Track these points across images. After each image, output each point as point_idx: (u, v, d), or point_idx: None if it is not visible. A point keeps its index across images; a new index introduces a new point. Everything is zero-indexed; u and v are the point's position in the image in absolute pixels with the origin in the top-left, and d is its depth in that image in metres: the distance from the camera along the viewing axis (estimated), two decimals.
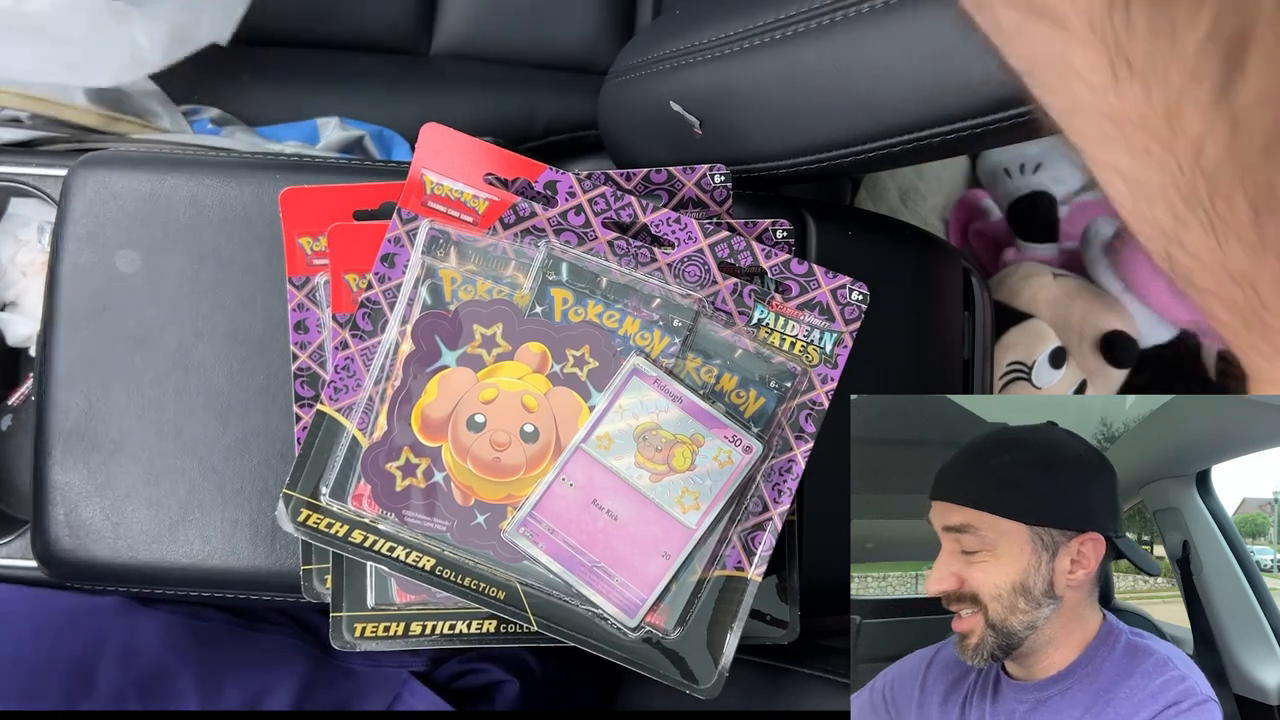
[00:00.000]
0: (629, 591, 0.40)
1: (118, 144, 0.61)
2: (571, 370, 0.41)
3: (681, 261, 0.41)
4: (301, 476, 0.41)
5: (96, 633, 0.49)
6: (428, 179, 0.41)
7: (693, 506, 0.40)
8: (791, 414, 0.42)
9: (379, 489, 0.40)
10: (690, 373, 0.42)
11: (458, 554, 0.41)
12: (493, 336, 0.41)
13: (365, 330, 0.41)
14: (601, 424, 0.40)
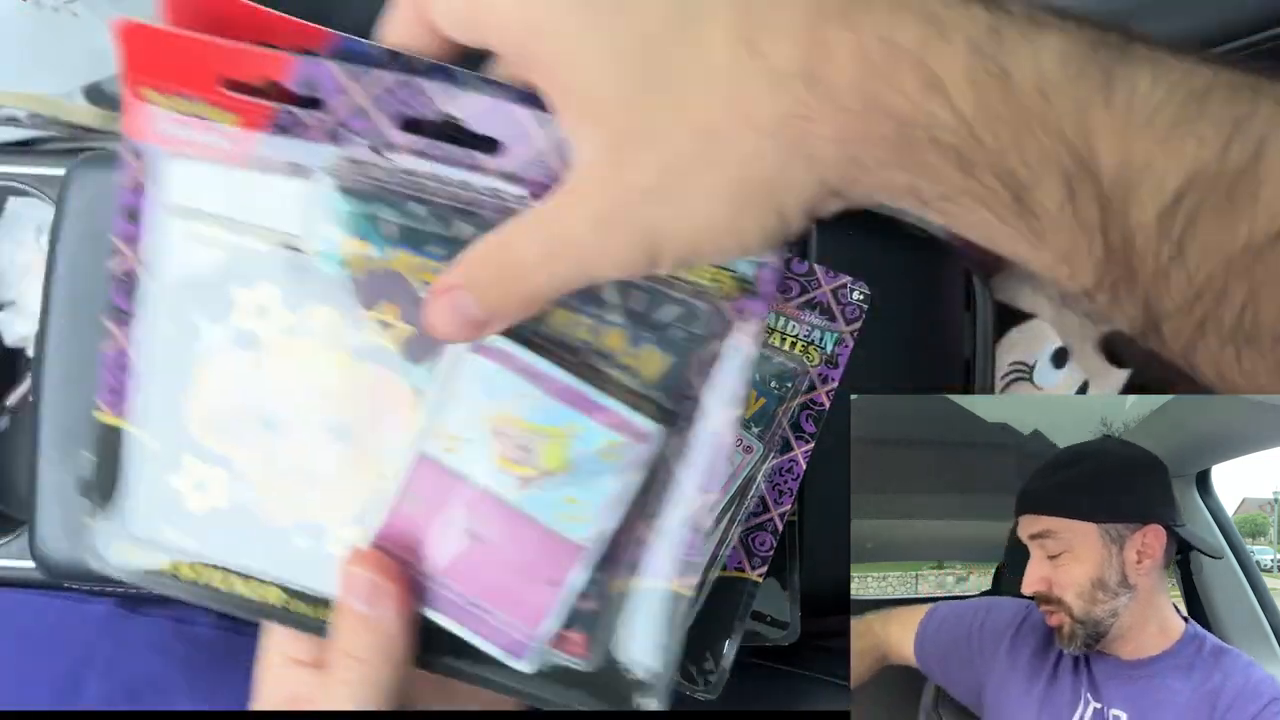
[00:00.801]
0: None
1: (116, 143, 0.61)
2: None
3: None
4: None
5: (84, 642, 0.49)
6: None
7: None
8: (792, 414, 0.40)
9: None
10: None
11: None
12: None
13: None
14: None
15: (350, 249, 0.30)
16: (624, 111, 0.23)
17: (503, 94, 0.27)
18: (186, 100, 0.29)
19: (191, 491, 0.32)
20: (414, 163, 0.29)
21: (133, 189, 0.31)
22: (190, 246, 0.31)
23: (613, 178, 0.24)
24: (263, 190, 0.29)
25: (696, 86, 0.23)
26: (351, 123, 0.29)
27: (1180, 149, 0.20)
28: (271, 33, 0.29)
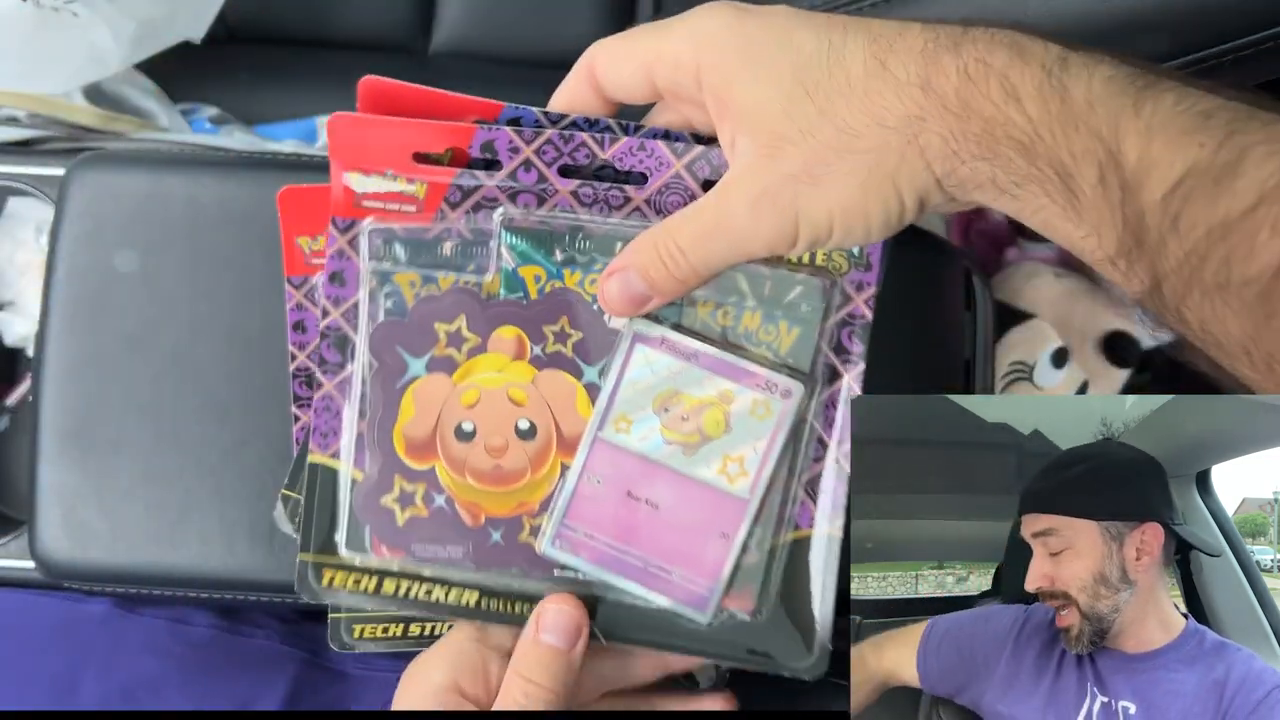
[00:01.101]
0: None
1: (115, 143, 0.61)
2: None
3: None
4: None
5: (81, 644, 0.49)
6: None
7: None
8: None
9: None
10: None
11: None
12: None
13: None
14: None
15: (528, 275, 0.36)
16: (779, 119, 0.30)
17: (643, 134, 0.35)
18: (383, 177, 0.36)
19: (398, 507, 0.37)
20: (573, 202, 0.36)
21: (338, 256, 0.37)
22: (393, 296, 0.37)
23: (767, 169, 0.31)
24: (446, 240, 0.36)
25: (839, 95, 0.30)
26: (520, 176, 0.36)
27: (1184, 150, 0.26)
28: (449, 111, 0.37)
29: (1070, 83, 0.28)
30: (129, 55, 0.61)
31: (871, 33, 0.30)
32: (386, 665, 0.52)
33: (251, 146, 0.65)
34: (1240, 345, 0.26)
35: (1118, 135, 0.27)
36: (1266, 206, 0.24)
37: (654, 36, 0.32)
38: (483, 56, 0.78)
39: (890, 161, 0.30)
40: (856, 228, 0.31)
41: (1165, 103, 0.27)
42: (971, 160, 0.29)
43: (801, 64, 0.30)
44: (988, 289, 0.61)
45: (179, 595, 0.50)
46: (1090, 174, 0.27)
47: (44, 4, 0.56)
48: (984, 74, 0.28)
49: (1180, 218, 0.26)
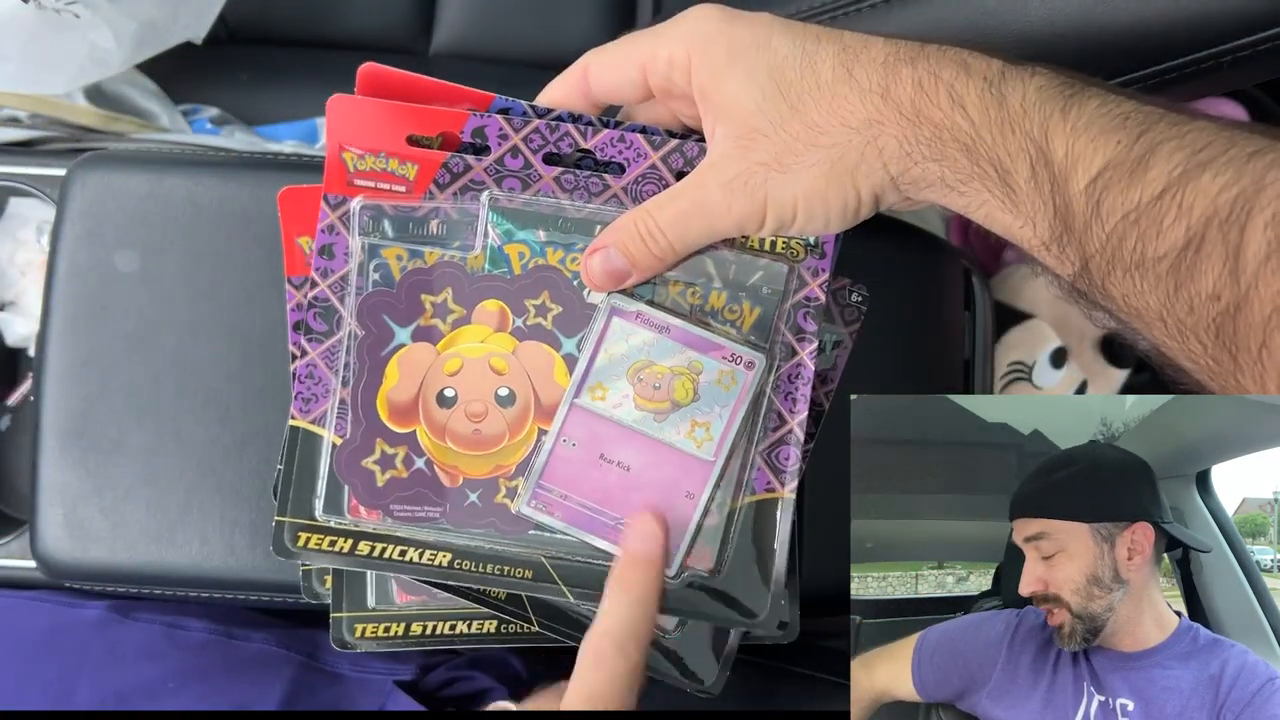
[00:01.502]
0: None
1: (116, 143, 0.61)
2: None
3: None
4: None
5: (76, 648, 0.49)
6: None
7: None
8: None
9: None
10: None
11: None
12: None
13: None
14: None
15: (513, 252, 0.39)
16: (754, 113, 0.34)
17: (622, 127, 0.38)
18: (376, 156, 0.38)
19: (378, 469, 0.39)
20: (555, 188, 0.38)
21: (328, 230, 0.39)
22: (381, 269, 0.39)
23: (741, 156, 0.34)
24: (434, 219, 0.39)
25: (809, 96, 0.33)
26: (508, 161, 0.38)
27: (1104, 146, 0.30)
28: (443, 99, 0.39)
29: (1008, 91, 0.32)
30: (130, 56, 0.61)
31: (842, 43, 0.34)
32: (383, 668, 0.52)
33: (252, 147, 0.65)
34: (1156, 314, 0.29)
35: (1047, 135, 0.31)
36: (1172, 193, 0.28)
37: (649, 40, 0.36)
38: (483, 57, 0.78)
39: (851, 159, 0.33)
40: (817, 215, 0.35)
41: (1089, 107, 0.30)
42: (923, 161, 0.33)
43: (777, 65, 0.34)
44: (987, 289, 0.61)
45: (175, 597, 0.50)
46: (1024, 170, 0.31)
47: (46, 5, 0.56)
48: (935, 84, 0.32)
49: (1101, 204, 0.29)
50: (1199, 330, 0.28)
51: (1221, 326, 0.27)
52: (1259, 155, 0.27)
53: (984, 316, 0.60)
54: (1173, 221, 0.28)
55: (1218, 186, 0.27)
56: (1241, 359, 0.27)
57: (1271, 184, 0.26)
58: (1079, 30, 0.42)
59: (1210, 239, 0.27)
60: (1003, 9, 0.43)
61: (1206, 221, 0.27)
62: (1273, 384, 0.26)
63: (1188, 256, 0.28)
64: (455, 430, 0.39)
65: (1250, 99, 0.78)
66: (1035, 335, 0.73)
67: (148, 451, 0.48)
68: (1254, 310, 0.26)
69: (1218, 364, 0.28)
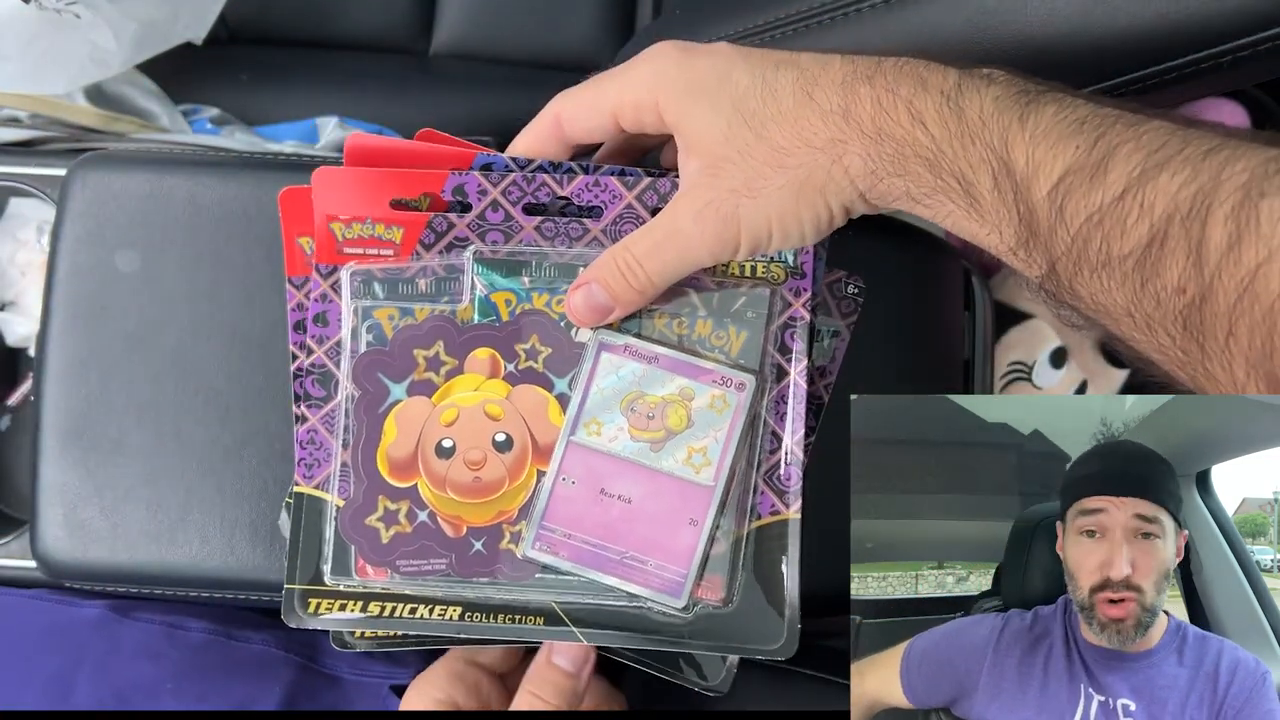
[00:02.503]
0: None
1: (117, 143, 0.61)
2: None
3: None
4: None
5: (75, 648, 0.49)
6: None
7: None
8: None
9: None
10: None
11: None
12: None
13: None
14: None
15: (499, 300, 0.39)
16: (721, 143, 0.35)
17: (598, 172, 0.39)
18: (363, 223, 0.39)
19: (382, 525, 0.39)
20: (537, 237, 0.39)
21: (321, 299, 0.40)
22: (373, 330, 0.40)
23: (711, 185, 0.35)
24: (422, 277, 0.40)
25: (772, 122, 0.34)
26: (489, 216, 0.39)
27: (1063, 152, 0.30)
28: (426, 162, 0.39)
29: (965, 104, 0.32)
30: (131, 56, 0.61)
31: (800, 67, 0.35)
32: (381, 670, 0.52)
33: (252, 147, 0.65)
34: (1124, 310, 0.30)
35: (1007, 145, 0.31)
36: (1133, 193, 0.29)
37: (616, 85, 0.37)
38: (483, 57, 0.78)
39: (819, 177, 0.34)
40: (792, 232, 0.36)
41: (1046, 114, 0.31)
42: (888, 177, 0.34)
43: (739, 96, 0.35)
44: (987, 289, 0.61)
45: (175, 597, 0.50)
46: (987, 180, 0.32)
47: (46, 5, 0.56)
48: (893, 101, 0.33)
49: (1064, 209, 0.30)
50: (1166, 323, 0.29)
51: (1188, 318, 0.28)
52: (1214, 152, 0.28)
53: (984, 316, 0.60)
54: (1136, 220, 0.28)
55: (1177, 184, 0.28)
56: (1209, 348, 0.27)
57: (1228, 179, 0.27)
58: (1078, 30, 0.42)
59: (1173, 234, 0.28)
60: (1002, 9, 0.43)
61: (1168, 218, 0.28)
62: (1240, 371, 0.27)
63: (1152, 253, 0.28)
64: (455, 480, 0.39)
65: (1250, 99, 0.78)
66: (1035, 335, 0.73)
67: (148, 451, 0.48)
68: (1219, 300, 0.27)
69: (1186, 355, 0.28)
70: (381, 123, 0.70)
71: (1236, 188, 0.27)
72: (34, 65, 0.57)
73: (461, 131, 0.42)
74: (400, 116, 0.71)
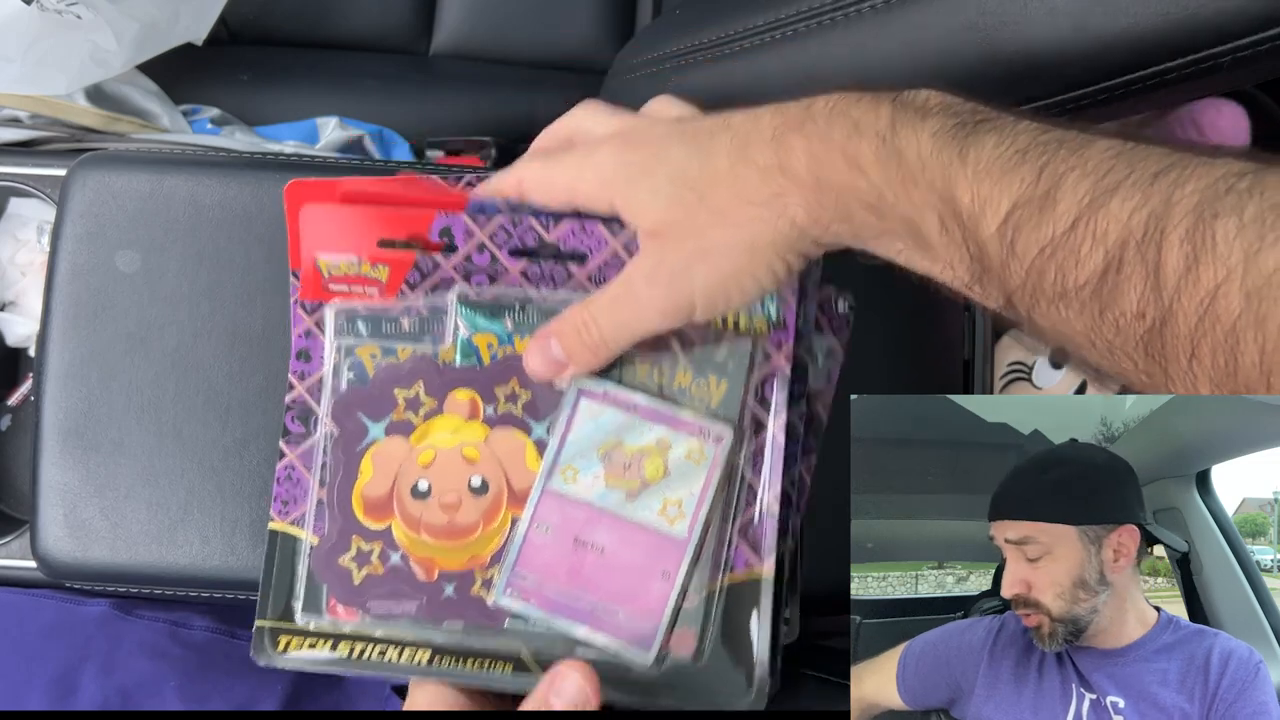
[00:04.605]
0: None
1: (117, 144, 0.61)
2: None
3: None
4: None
5: (79, 645, 0.49)
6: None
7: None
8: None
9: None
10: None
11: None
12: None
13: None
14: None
15: (481, 342, 0.39)
16: (665, 213, 0.35)
17: (584, 217, 0.39)
18: (349, 260, 0.39)
19: (354, 566, 0.38)
20: (522, 280, 0.39)
21: (304, 335, 0.40)
22: (355, 368, 0.39)
23: (660, 249, 0.36)
24: (405, 317, 0.40)
25: (710, 187, 0.34)
26: (475, 258, 0.39)
27: (1009, 187, 0.30)
28: (416, 204, 0.39)
29: (902, 145, 0.32)
30: (131, 57, 0.62)
31: (732, 128, 0.35)
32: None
33: (253, 147, 0.65)
34: (1085, 338, 0.30)
35: (950, 184, 0.31)
36: (1085, 221, 0.28)
37: (571, 173, 0.37)
38: (483, 57, 0.78)
39: (766, 233, 0.34)
40: (750, 290, 0.36)
41: (986, 146, 0.31)
42: (833, 224, 0.34)
43: (677, 171, 0.35)
44: None
45: (178, 596, 0.50)
46: (933, 222, 0.32)
47: (48, 6, 0.56)
48: (827, 150, 0.33)
49: (1015, 243, 0.30)
50: (1128, 349, 0.28)
51: (1149, 344, 0.28)
52: (1163, 174, 0.28)
53: (984, 316, 0.60)
54: (1089, 250, 0.28)
55: (1128, 210, 0.28)
56: (1172, 371, 0.27)
57: (1179, 202, 0.27)
58: (1078, 30, 0.42)
59: (1129, 260, 0.28)
60: (1001, 9, 0.43)
61: (1122, 244, 0.28)
62: (1205, 390, 0.27)
63: (1108, 281, 0.28)
64: (430, 522, 0.39)
65: (1250, 99, 0.78)
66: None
67: (148, 451, 0.48)
68: (1179, 323, 0.27)
69: (1150, 378, 0.28)
70: (381, 123, 0.70)
71: (1189, 210, 0.27)
72: (35, 66, 0.57)
73: (462, 131, 0.42)
74: (400, 116, 0.71)
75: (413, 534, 0.38)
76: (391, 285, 0.39)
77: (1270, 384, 0.25)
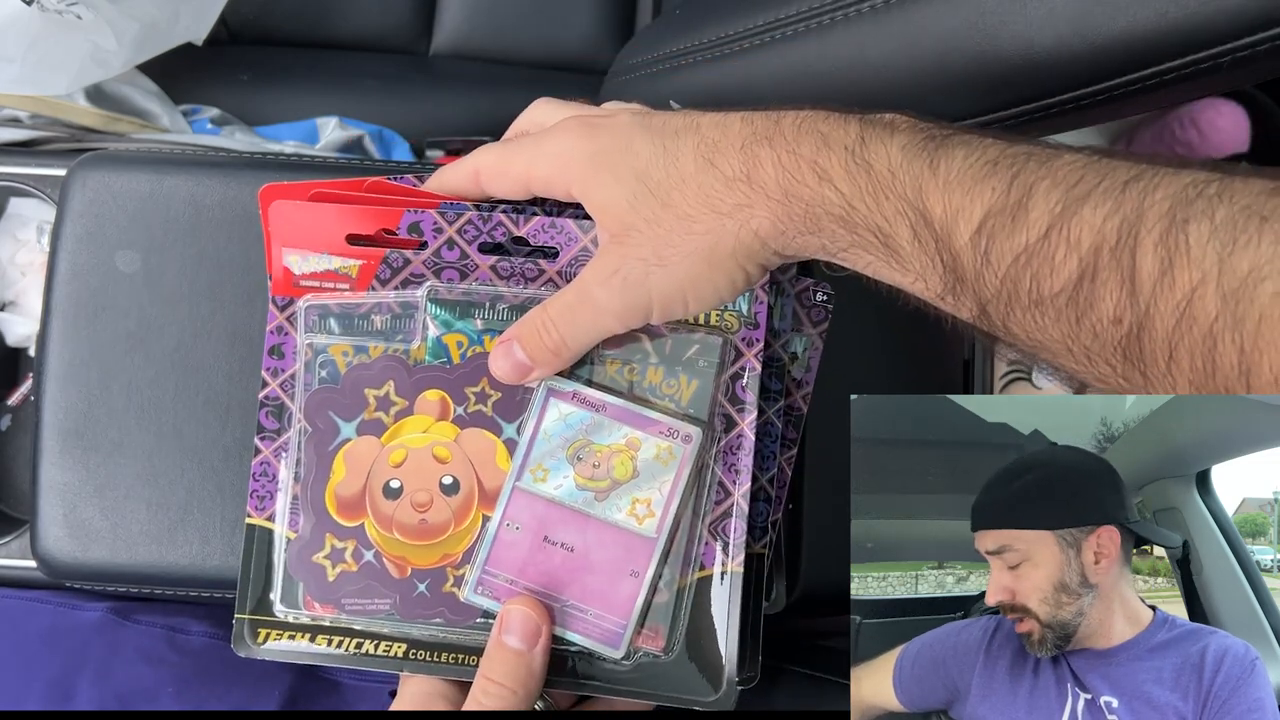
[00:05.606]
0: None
1: (117, 143, 0.61)
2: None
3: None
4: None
5: (77, 650, 0.49)
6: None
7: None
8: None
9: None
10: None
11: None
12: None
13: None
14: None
15: (451, 342, 0.39)
16: (627, 212, 0.35)
17: (554, 213, 0.39)
18: (319, 256, 0.39)
19: (329, 563, 0.39)
20: (492, 275, 0.39)
21: (276, 331, 0.40)
22: (327, 366, 0.40)
23: (618, 253, 0.35)
24: (376, 314, 0.40)
25: (675, 190, 0.34)
26: (444, 253, 0.39)
27: (980, 196, 0.30)
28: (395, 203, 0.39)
29: (872, 158, 0.32)
30: (131, 57, 0.62)
31: (700, 133, 0.35)
32: (380, 675, 0.52)
33: (252, 147, 0.65)
34: (1062, 345, 0.30)
35: (922, 195, 0.31)
36: (1058, 230, 0.29)
37: (527, 157, 0.37)
38: (483, 58, 0.78)
39: (728, 242, 0.34)
40: (708, 297, 0.36)
41: (956, 158, 0.31)
42: (800, 235, 0.34)
43: (641, 168, 0.35)
44: None
45: (178, 596, 0.50)
46: (905, 232, 0.32)
47: (48, 7, 0.56)
48: (796, 163, 0.33)
49: (989, 253, 0.30)
50: (1106, 354, 0.28)
51: (1127, 349, 0.28)
52: (1134, 182, 0.28)
53: None
54: (1064, 257, 0.28)
55: (1100, 216, 0.28)
56: (1151, 374, 0.27)
57: (1151, 208, 0.27)
58: (1077, 31, 0.42)
59: (1103, 266, 0.28)
60: (1001, 9, 0.43)
61: (1096, 251, 0.28)
62: (1185, 393, 0.27)
63: (1084, 287, 0.28)
64: (402, 521, 0.39)
65: (1250, 99, 0.78)
66: None
67: (148, 451, 0.48)
68: (1156, 328, 0.27)
69: (1129, 382, 0.28)
70: (381, 123, 0.70)
71: (1161, 215, 0.27)
72: (35, 66, 0.57)
73: (462, 131, 0.42)
74: (400, 116, 0.71)
75: (385, 532, 0.39)
76: (362, 280, 0.39)
77: (1249, 384, 0.25)
